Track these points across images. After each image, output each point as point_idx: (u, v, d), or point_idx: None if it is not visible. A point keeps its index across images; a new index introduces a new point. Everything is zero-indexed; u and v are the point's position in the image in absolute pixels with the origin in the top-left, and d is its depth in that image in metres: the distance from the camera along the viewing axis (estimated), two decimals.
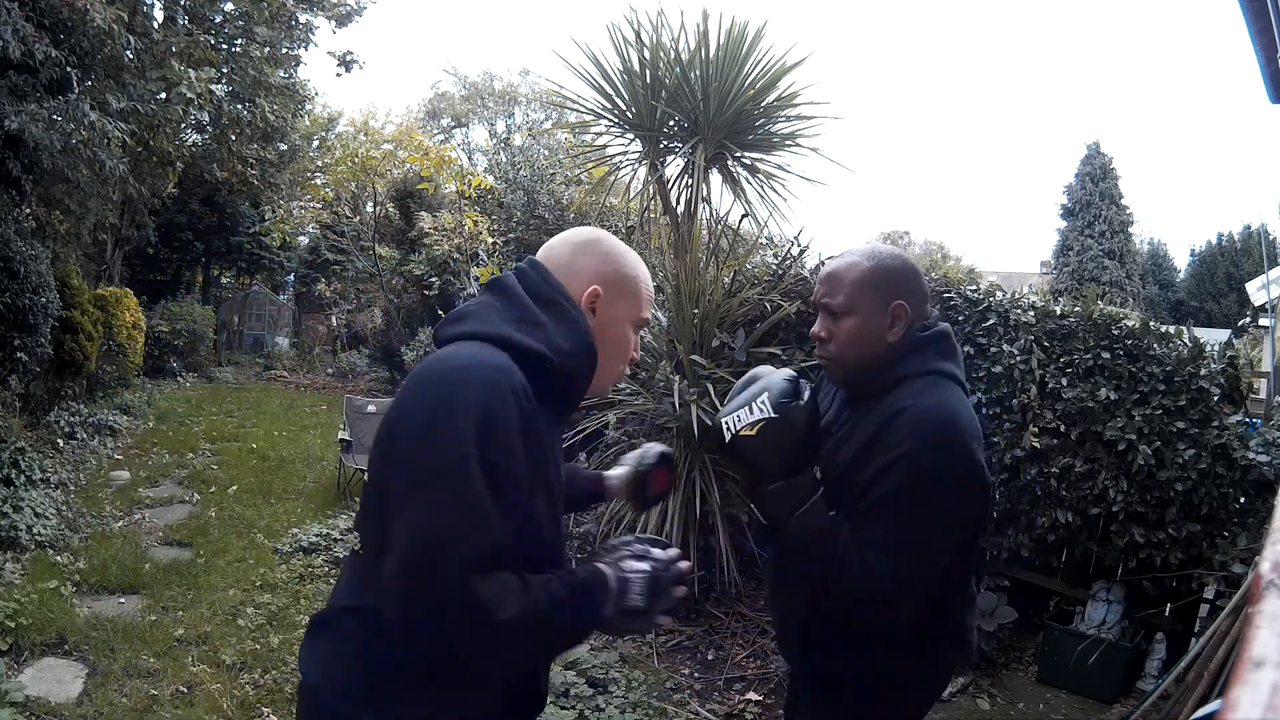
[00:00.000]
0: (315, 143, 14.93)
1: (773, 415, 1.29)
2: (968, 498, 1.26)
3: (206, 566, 3.97)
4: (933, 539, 1.24)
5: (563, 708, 2.75)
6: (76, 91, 4.66)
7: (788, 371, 1.38)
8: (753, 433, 1.29)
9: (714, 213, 3.97)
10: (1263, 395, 5.23)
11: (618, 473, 1.45)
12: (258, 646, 3.12)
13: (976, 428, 1.29)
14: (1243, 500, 3.07)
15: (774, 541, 1.49)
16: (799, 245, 4.20)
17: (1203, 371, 3.12)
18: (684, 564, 1.14)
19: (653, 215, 4.07)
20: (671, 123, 3.73)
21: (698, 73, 3.57)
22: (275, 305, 14.61)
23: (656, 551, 1.13)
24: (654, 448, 1.46)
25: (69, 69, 4.52)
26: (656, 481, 1.44)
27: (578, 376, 1.12)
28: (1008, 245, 61.33)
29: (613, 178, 4.16)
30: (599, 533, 3.81)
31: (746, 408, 1.31)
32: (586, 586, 1.04)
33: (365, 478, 1.08)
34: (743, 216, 3.96)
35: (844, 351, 1.35)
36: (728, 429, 1.33)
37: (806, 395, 1.33)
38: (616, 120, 3.83)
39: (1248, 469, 3.02)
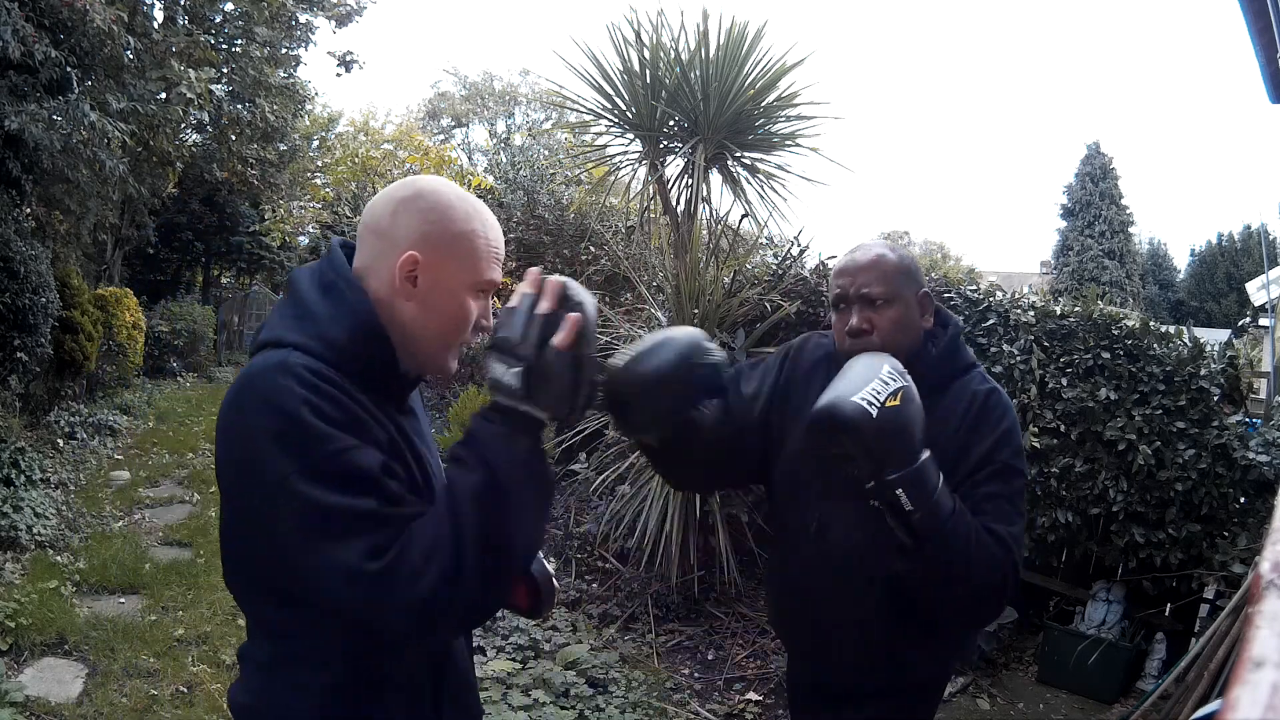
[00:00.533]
0: (315, 143, 14.95)
1: (905, 383, 1.18)
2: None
3: (206, 566, 3.97)
4: (1024, 510, 1.34)
5: (563, 708, 2.75)
6: (76, 91, 4.66)
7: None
8: (898, 402, 1.15)
9: (714, 213, 3.98)
10: (1263, 395, 5.23)
11: None
12: None
13: None
14: (1243, 500, 3.08)
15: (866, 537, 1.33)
16: (799, 245, 4.21)
17: (1203, 371, 3.12)
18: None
19: (653, 215, 4.07)
20: (671, 123, 3.73)
21: (698, 73, 3.57)
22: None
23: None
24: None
25: (69, 69, 4.52)
26: (518, 594, 1.17)
27: (375, 362, 0.95)
28: (1008, 245, 61.42)
29: (613, 178, 4.16)
30: (599, 533, 3.81)
31: (872, 385, 1.16)
32: (479, 435, 0.91)
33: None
34: (743, 216, 3.96)
35: (890, 340, 1.33)
36: (870, 404, 1.13)
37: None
38: (616, 120, 3.83)
39: (1248, 469, 3.02)
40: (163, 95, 6.42)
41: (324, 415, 0.86)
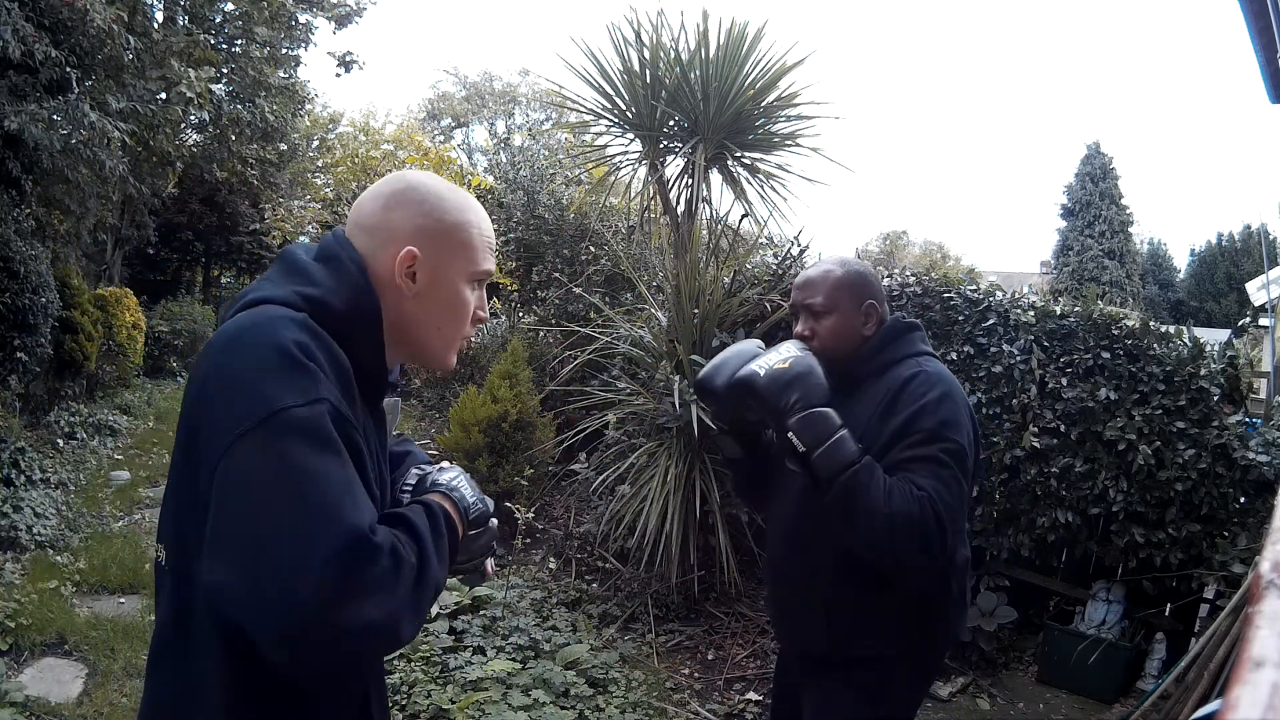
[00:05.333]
0: (315, 143, 14.94)
1: (800, 354, 1.42)
2: (974, 442, 1.44)
3: None
4: (962, 473, 1.38)
5: (563, 708, 2.75)
6: (76, 92, 4.66)
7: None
8: (786, 365, 1.38)
9: (714, 213, 3.98)
10: (1263, 395, 5.24)
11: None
12: None
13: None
14: (1243, 500, 3.08)
15: (800, 500, 1.51)
16: (799, 245, 4.21)
17: (1203, 371, 3.12)
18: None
19: (653, 215, 4.07)
20: (671, 123, 3.73)
21: (698, 73, 3.57)
22: None
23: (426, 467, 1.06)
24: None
25: (69, 69, 4.52)
26: None
27: (362, 341, 0.91)
28: (1008, 245, 61.23)
29: (613, 178, 4.16)
30: (599, 533, 3.81)
31: (768, 358, 1.42)
32: (437, 526, 0.90)
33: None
34: (743, 216, 3.96)
35: (827, 346, 1.51)
36: (761, 368, 1.39)
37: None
38: (616, 120, 3.83)
39: (1248, 469, 3.02)
40: (163, 95, 6.41)
41: (329, 378, 0.82)
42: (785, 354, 1.41)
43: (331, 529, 0.75)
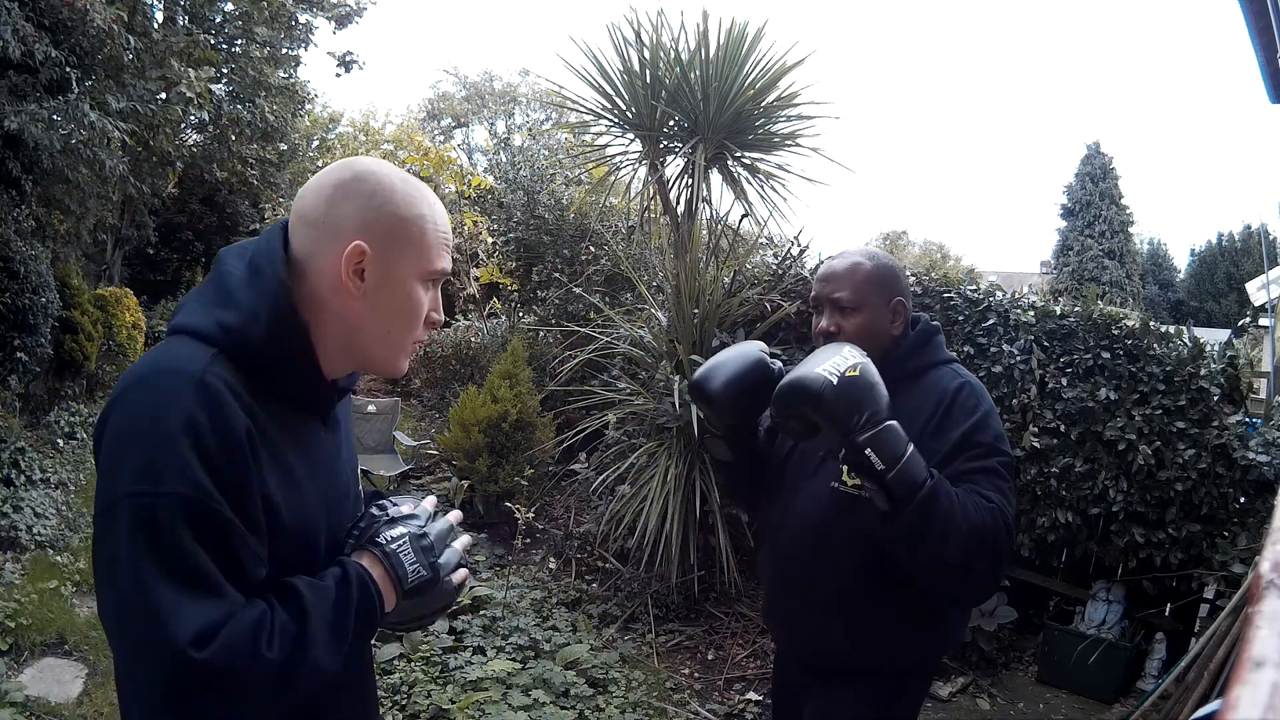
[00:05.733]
0: (315, 143, 14.93)
1: (864, 360, 1.28)
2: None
3: None
4: (1011, 489, 1.36)
5: (563, 708, 2.75)
6: (76, 92, 4.66)
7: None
8: (857, 373, 1.25)
9: (714, 213, 3.98)
10: (1263, 395, 5.23)
11: None
12: None
13: None
14: (1243, 500, 3.08)
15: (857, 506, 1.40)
16: (799, 245, 4.21)
17: (1203, 371, 3.12)
18: (454, 514, 1.00)
19: (653, 215, 4.07)
20: (671, 123, 3.73)
21: (698, 73, 3.57)
22: None
23: (404, 509, 0.96)
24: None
25: (69, 69, 4.52)
26: None
27: (284, 368, 0.86)
28: (1008, 245, 61.18)
29: (613, 178, 4.17)
30: (599, 533, 3.81)
31: (833, 360, 1.26)
32: (344, 597, 0.85)
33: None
34: (743, 216, 3.96)
35: (854, 344, 1.38)
36: (830, 374, 1.23)
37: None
38: (616, 120, 3.83)
39: (1248, 469, 3.02)
40: (163, 95, 6.41)
41: (207, 454, 0.77)
42: (851, 358, 1.26)
43: (151, 648, 0.75)
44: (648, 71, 3.61)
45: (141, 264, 11.94)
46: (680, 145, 3.77)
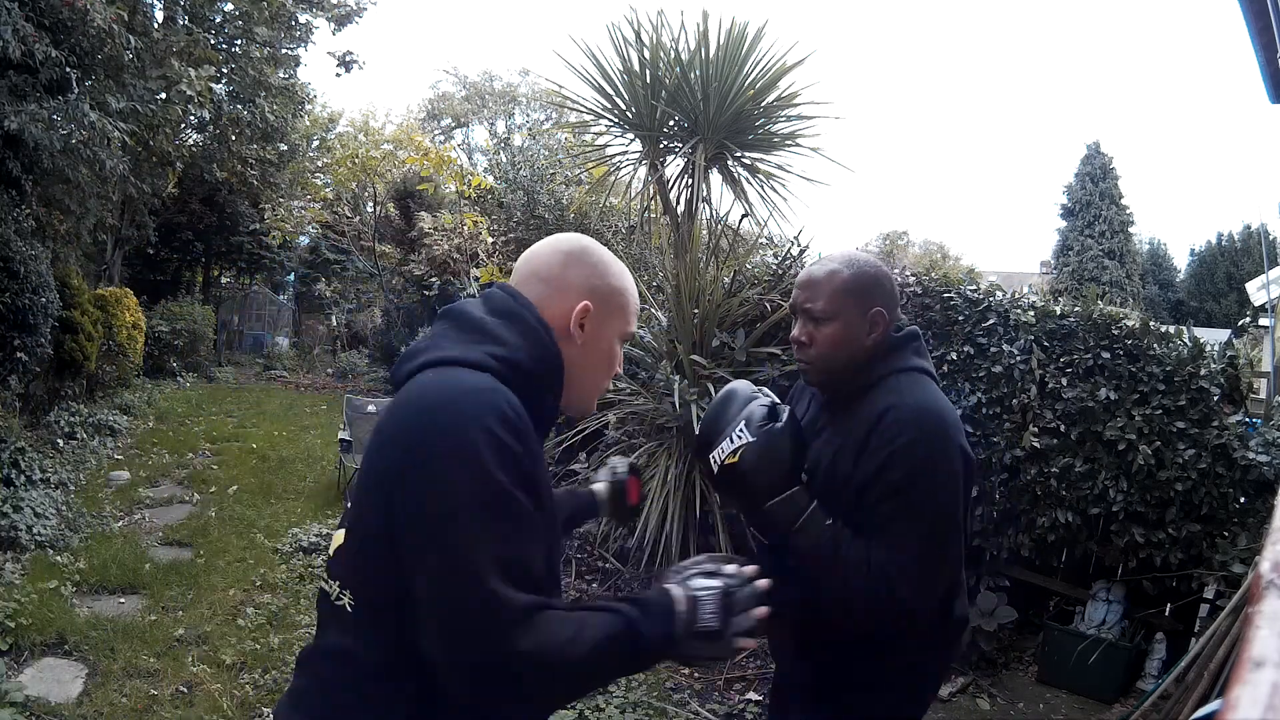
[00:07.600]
0: (315, 143, 14.94)
1: (751, 440, 1.32)
2: (960, 483, 1.31)
3: (206, 566, 3.97)
4: (938, 528, 1.28)
5: (562, 708, 2.75)
6: (76, 91, 4.66)
7: (764, 396, 1.41)
8: (735, 459, 1.32)
9: (714, 213, 3.98)
10: (1263, 395, 5.23)
11: (599, 488, 1.49)
12: (258, 646, 3.12)
13: (956, 415, 1.35)
14: (1243, 500, 3.07)
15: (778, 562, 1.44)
16: (799, 245, 4.21)
17: (1203, 371, 3.12)
18: (762, 581, 1.08)
19: (653, 215, 4.07)
20: (671, 123, 3.73)
21: (698, 73, 3.57)
22: (275, 305, 14.62)
23: (729, 568, 1.07)
24: (621, 461, 1.52)
25: (69, 69, 4.52)
26: (631, 492, 1.50)
27: (547, 394, 1.04)
28: (1008, 245, 61.14)
29: (613, 178, 4.17)
30: (599, 533, 3.81)
31: (727, 439, 1.34)
32: (651, 610, 0.98)
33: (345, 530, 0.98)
34: (743, 216, 3.96)
35: (823, 355, 1.39)
36: (714, 463, 1.35)
37: (785, 416, 1.36)
38: (616, 120, 3.83)
39: (1248, 469, 3.02)
40: (163, 95, 6.41)
41: (524, 449, 0.92)
42: (735, 439, 1.33)
43: (480, 606, 0.87)
44: (648, 71, 3.61)
45: (141, 264, 11.93)
46: (680, 145, 3.77)
